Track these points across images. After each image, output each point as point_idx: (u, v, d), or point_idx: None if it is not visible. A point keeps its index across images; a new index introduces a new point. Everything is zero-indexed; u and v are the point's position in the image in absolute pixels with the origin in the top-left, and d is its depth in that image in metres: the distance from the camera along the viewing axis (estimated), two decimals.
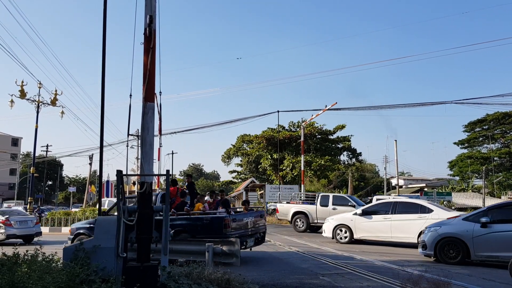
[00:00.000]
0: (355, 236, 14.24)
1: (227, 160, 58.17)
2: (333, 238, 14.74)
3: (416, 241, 12.32)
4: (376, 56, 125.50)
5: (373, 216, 13.98)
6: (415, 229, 12.74)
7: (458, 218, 10.97)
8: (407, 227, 13.12)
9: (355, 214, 14.48)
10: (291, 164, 43.19)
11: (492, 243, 9.63)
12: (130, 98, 7.09)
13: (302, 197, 25.54)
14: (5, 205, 44.07)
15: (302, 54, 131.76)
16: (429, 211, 13.12)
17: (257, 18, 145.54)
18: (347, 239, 14.35)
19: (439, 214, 12.77)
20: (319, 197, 20.63)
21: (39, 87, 28.08)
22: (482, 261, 9.75)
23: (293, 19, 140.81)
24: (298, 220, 20.71)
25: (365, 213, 14.17)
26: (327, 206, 19.77)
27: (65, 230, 24.38)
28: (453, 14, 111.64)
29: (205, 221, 9.69)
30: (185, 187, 13.23)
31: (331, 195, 20.95)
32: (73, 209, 33.93)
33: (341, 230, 14.55)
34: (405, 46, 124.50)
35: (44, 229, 25.19)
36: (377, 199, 20.31)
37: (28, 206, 29.25)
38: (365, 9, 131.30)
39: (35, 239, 17.68)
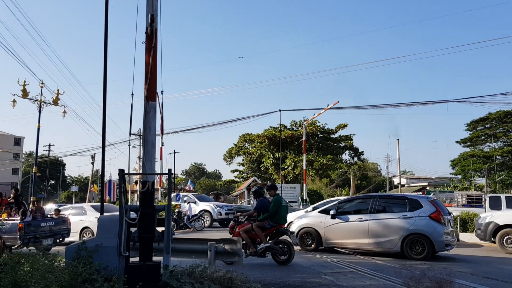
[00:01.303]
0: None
1: (229, 159, 58.21)
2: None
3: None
4: (378, 56, 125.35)
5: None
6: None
7: (315, 211, 12.77)
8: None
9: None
10: (293, 163, 43.20)
11: (337, 232, 11.33)
12: (132, 97, 7.08)
13: (304, 197, 25.37)
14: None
15: (303, 53, 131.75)
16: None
17: (259, 18, 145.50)
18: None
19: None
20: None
21: (41, 87, 28.07)
22: (331, 248, 11.64)
23: (294, 18, 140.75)
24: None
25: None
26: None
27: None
28: (455, 12, 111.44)
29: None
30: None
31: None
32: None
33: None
34: (407, 45, 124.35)
35: None
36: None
37: (30, 205, 29.30)
38: (365, 9, 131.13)
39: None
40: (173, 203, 24.03)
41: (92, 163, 44.38)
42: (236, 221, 10.30)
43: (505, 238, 12.15)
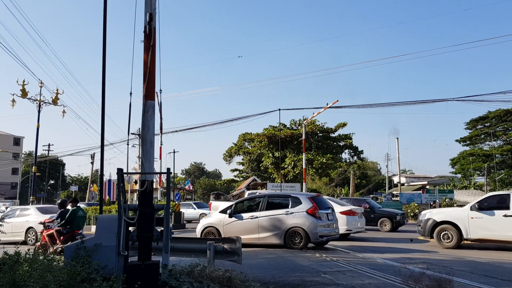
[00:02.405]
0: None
1: (228, 159, 58.21)
2: None
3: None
4: (377, 54, 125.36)
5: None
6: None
7: (217, 211, 14.22)
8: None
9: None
10: (292, 163, 43.20)
11: (234, 229, 12.57)
12: (131, 96, 7.08)
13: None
14: (0, 204, 44.09)
15: (303, 52, 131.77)
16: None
17: (258, 17, 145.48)
18: None
19: (335, 208, 14.21)
20: None
21: (41, 86, 28.11)
22: None
23: (294, 17, 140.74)
24: None
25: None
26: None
27: None
28: (454, 11, 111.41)
29: None
30: None
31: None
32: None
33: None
34: (406, 44, 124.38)
35: None
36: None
37: (30, 205, 29.29)
38: (366, 8, 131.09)
39: None
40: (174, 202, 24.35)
41: (92, 163, 44.40)
42: (44, 226, 12.41)
43: (442, 233, 13.11)
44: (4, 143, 71.01)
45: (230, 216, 12.87)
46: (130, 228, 6.10)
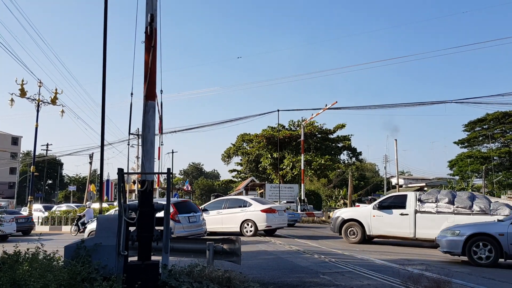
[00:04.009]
0: None
1: (227, 159, 58.21)
2: None
3: (239, 230, 16.57)
4: (376, 55, 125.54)
5: (209, 211, 17.19)
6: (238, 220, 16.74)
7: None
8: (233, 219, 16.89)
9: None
10: (291, 163, 43.23)
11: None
12: (131, 96, 7.08)
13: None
14: None
15: (302, 53, 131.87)
16: (249, 205, 16.88)
17: (258, 17, 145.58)
18: None
19: (255, 207, 16.69)
20: None
21: (39, 86, 28.09)
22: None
23: (293, 18, 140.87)
24: None
25: (204, 210, 17.08)
26: None
27: (66, 228, 24.41)
28: (453, 13, 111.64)
29: None
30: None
31: None
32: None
33: None
34: (405, 45, 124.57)
35: (44, 228, 25.25)
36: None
37: (28, 205, 29.26)
38: (366, 8, 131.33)
39: None
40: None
41: (90, 163, 44.33)
42: None
43: (349, 230, 14.61)
44: (2, 142, 70.83)
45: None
46: (130, 228, 6.10)
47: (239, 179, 60.87)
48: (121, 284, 5.26)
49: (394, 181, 51.28)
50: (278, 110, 32.36)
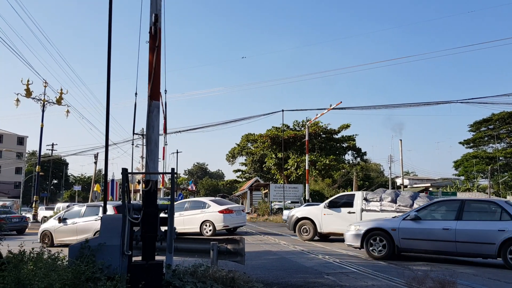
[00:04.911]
0: None
1: (231, 159, 58.20)
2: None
3: (199, 231, 17.11)
4: (380, 56, 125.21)
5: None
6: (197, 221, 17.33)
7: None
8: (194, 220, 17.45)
9: None
10: (295, 164, 43.16)
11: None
12: (136, 96, 7.11)
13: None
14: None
15: (306, 53, 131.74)
16: (208, 206, 17.49)
17: (262, 17, 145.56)
18: None
19: (213, 208, 17.33)
20: None
21: (45, 86, 28.25)
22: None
23: (297, 18, 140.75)
24: None
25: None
26: None
27: None
28: (458, 13, 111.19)
29: None
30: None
31: None
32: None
33: None
34: (410, 46, 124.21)
35: None
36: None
37: (33, 204, 29.42)
38: (370, 9, 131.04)
39: None
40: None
41: (95, 163, 44.48)
42: None
43: (302, 228, 15.40)
44: (8, 142, 71.23)
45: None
46: (134, 228, 6.11)
47: (244, 179, 60.84)
48: (125, 284, 5.27)
49: (399, 181, 51.11)
50: (283, 110, 32.39)
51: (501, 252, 9.11)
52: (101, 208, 15.33)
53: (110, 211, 14.93)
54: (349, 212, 14.23)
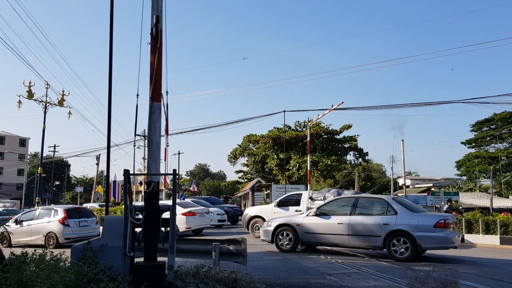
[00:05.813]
0: None
1: (233, 160, 58.16)
2: None
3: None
4: (382, 56, 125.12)
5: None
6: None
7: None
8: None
9: None
10: (297, 164, 43.12)
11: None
12: (137, 98, 7.10)
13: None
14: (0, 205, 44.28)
15: (308, 54, 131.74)
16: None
17: (263, 18, 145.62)
18: None
19: (177, 211, 17.32)
20: None
21: (47, 88, 28.26)
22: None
23: (299, 19, 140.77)
24: None
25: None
26: None
27: None
28: (459, 13, 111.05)
29: None
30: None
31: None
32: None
33: None
34: (411, 46, 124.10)
35: None
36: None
37: (35, 206, 29.43)
38: (371, 9, 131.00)
39: None
40: None
41: (97, 164, 44.57)
42: None
43: (254, 225, 16.14)
44: (10, 144, 71.43)
45: None
46: (136, 229, 6.12)
47: (246, 180, 60.78)
48: (127, 285, 5.27)
49: (401, 181, 50.99)
50: (284, 111, 32.27)
51: (386, 244, 10.12)
52: (53, 211, 15.89)
53: (61, 214, 15.45)
54: (296, 211, 14.88)
